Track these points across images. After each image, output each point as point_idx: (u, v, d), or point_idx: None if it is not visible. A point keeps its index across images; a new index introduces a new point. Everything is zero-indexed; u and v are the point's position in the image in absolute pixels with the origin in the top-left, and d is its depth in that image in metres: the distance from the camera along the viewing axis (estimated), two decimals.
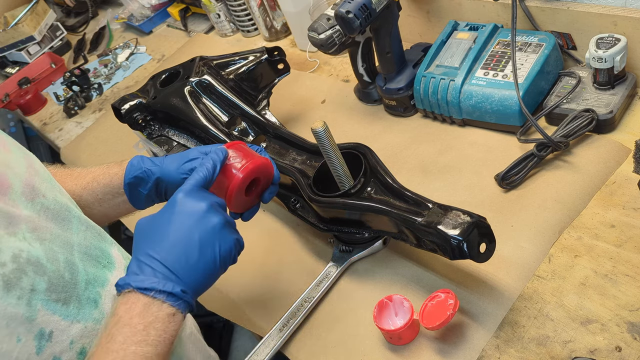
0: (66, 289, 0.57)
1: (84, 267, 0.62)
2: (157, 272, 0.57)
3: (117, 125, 1.04)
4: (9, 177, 0.58)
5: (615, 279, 0.72)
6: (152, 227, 0.60)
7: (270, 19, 1.44)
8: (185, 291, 0.57)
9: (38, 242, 0.57)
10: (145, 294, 0.55)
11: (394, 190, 0.79)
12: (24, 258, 0.54)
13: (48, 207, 0.61)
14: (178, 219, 0.60)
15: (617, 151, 0.85)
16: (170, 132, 1.04)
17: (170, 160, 0.74)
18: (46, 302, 0.55)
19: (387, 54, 1.03)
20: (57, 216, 0.62)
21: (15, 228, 0.55)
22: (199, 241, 0.59)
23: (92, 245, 0.65)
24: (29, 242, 0.55)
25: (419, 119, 1.07)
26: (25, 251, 0.54)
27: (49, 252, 0.57)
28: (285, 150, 0.96)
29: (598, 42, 0.86)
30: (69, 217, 0.63)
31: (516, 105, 0.91)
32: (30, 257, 0.54)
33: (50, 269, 0.56)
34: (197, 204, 0.61)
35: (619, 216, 0.78)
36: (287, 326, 0.82)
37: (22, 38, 1.81)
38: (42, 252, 0.56)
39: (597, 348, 0.67)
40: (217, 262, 0.61)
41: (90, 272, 0.62)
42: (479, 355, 0.71)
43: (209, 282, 0.61)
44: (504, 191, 0.88)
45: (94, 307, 0.61)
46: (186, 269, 0.58)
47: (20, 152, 0.63)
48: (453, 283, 0.80)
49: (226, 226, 0.62)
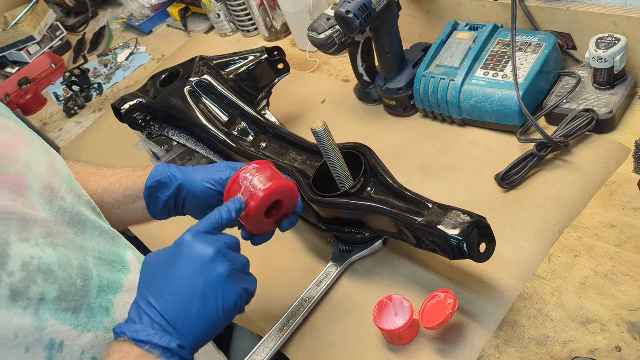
0: (77, 297, 0.56)
1: (98, 272, 0.60)
2: (155, 323, 0.54)
3: (117, 125, 1.04)
4: (28, 178, 0.56)
5: (615, 279, 0.72)
6: (157, 268, 0.58)
7: (270, 19, 1.44)
8: (182, 346, 0.54)
9: (51, 248, 0.55)
10: (140, 346, 0.52)
11: (394, 190, 0.79)
12: (35, 266, 0.52)
13: (65, 210, 0.60)
14: (183, 264, 0.57)
15: (617, 151, 0.85)
16: (170, 132, 1.04)
17: (196, 169, 0.73)
18: (55, 311, 0.53)
19: (387, 54, 1.03)
20: (73, 220, 0.60)
21: (28, 233, 0.54)
22: (202, 292, 0.56)
23: (107, 250, 0.64)
24: (41, 248, 0.54)
25: (419, 119, 1.07)
26: (36, 258, 0.53)
27: (62, 257, 0.56)
28: (285, 150, 0.96)
29: (598, 42, 0.86)
30: (84, 221, 0.62)
31: (516, 105, 0.91)
32: (42, 265, 0.53)
33: (61, 277, 0.55)
34: (204, 248, 0.57)
35: (619, 216, 0.78)
36: (287, 326, 0.82)
37: (22, 38, 1.81)
38: (55, 258, 0.55)
39: (597, 348, 0.67)
40: (220, 315, 0.57)
41: (104, 277, 0.61)
42: (479, 355, 0.71)
43: (211, 334, 0.57)
44: (504, 191, 0.88)
45: (106, 315, 0.59)
46: (186, 322, 0.55)
47: (44, 150, 0.62)
48: (453, 283, 0.80)
49: (233, 275, 0.58)
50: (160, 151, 1.10)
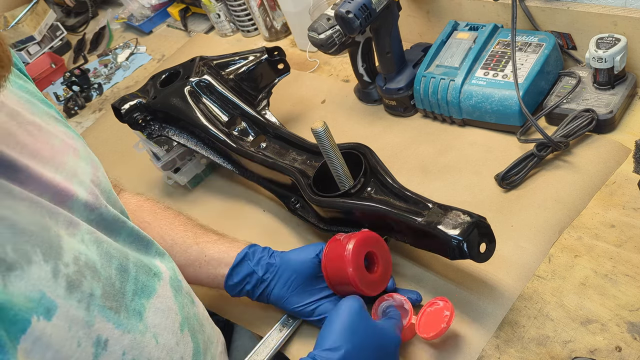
0: (116, 297, 0.57)
1: (137, 274, 0.61)
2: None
3: (117, 125, 1.04)
4: (74, 186, 0.57)
5: (615, 279, 0.72)
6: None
7: (270, 19, 1.44)
8: None
9: (95, 245, 0.56)
10: None
11: (394, 190, 0.79)
12: (83, 261, 0.53)
13: (105, 218, 0.60)
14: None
15: (617, 151, 0.85)
16: (171, 132, 1.04)
17: (292, 284, 0.78)
18: (102, 308, 0.54)
19: (387, 54, 1.03)
20: (110, 227, 0.61)
21: (75, 229, 0.54)
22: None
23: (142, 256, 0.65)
24: (86, 245, 0.55)
25: (419, 119, 1.07)
26: (83, 254, 0.54)
27: (103, 256, 0.57)
28: (285, 150, 0.96)
29: (598, 42, 0.86)
30: (119, 229, 0.63)
31: (516, 105, 0.91)
32: (88, 261, 0.54)
33: (103, 275, 0.55)
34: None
35: (619, 216, 0.78)
36: (287, 326, 0.82)
37: (22, 38, 1.81)
38: (97, 256, 0.56)
39: (597, 348, 0.67)
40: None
41: (141, 280, 0.61)
42: (479, 355, 0.71)
43: None
44: (504, 191, 0.88)
45: (139, 319, 0.59)
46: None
47: (88, 158, 0.62)
48: (453, 283, 0.80)
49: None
50: (160, 151, 1.10)
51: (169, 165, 1.11)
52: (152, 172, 1.22)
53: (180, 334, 0.64)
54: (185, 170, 1.13)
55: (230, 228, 1.04)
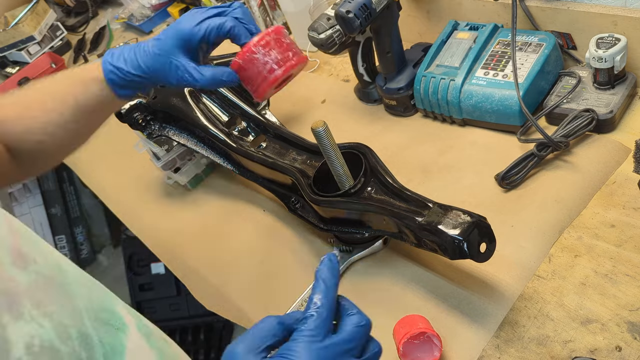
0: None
1: (99, 337, 0.52)
2: None
3: (117, 125, 1.04)
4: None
5: (615, 278, 0.72)
6: None
7: (270, 18, 1.44)
8: None
9: (47, 319, 0.47)
10: None
11: (394, 190, 0.79)
12: (37, 346, 0.44)
13: (43, 274, 0.50)
14: None
15: (617, 151, 0.85)
16: (171, 132, 1.04)
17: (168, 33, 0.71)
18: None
19: (387, 53, 1.03)
20: (54, 281, 0.51)
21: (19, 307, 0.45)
22: None
23: (100, 307, 0.55)
24: (37, 322, 0.46)
25: (419, 119, 1.07)
26: (36, 336, 0.45)
27: (59, 329, 0.48)
28: (286, 150, 0.96)
29: (598, 42, 0.86)
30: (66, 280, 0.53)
31: (516, 105, 0.91)
32: (43, 343, 0.45)
33: (65, 352, 0.47)
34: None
35: (619, 216, 0.78)
36: None
37: (22, 38, 1.81)
38: (53, 332, 0.47)
39: (597, 348, 0.67)
40: None
41: (106, 342, 0.53)
42: (479, 355, 0.71)
43: None
44: (504, 191, 0.88)
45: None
46: None
47: (1, 213, 0.51)
48: (453, 283, 0.80)
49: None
50: (160, 151, 1.10)
51: (169, 165, 1.11)
52: (152, 172, 1.22)
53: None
54: (185, 170, 1.13)
55: (230, 228, 1.04)
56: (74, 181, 2.27)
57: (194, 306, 1.94)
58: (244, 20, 0.70)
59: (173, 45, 0.69)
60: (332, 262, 0.53)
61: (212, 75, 0.71)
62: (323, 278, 0.51)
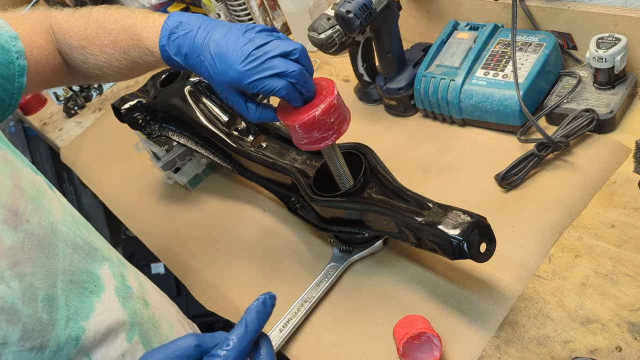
0: (43, 333, 0.51)
1: (67, 299, 0.55)
2: None
3: (117, 125, 1.04)
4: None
5: (615, 278, 0.72)
6: None
7: (270, 18, 1.44)
8: None
9: (17, 279, 0.50)
10: None
11: (394, 190, 0.79)
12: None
13: (33, 233, 0.53)
14: None
15: (617, 151, 0.85)
16: (170, 132, 1.03)
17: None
18: (18, 353, 0.48)
19: (387, 53, 1.03)
20: (42, 242, 0.54)
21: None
22: None
23: (79, 270, 0.58)
24: (6, 283, 0.49)
25: (419, 119, 1.07)
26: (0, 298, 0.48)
27: (27, 291, 0.50)
28: (286, 150, 0.96)
29: (598, 41, 0.86)
30: (54, 241, 0.56)
31: (516, 105, 0.91)
32: (5, 305, 0.48)
33: (25, 314, 0.50)
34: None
35: (620, 216, 0.78)
36: (287, 326, 0.82)
37: None
38: (20, 293, 0.50)
39: (597, 348, 0.67)
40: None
41: (73, 304, 0.55)
42: (479, 356, 0.71)
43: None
44: (504, 191, 0.88)
45: (74, 345, 0.54)
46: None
47: (7, 167, 0.54)
48: (453, 283, 0.80)
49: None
50: (160, 151, 1.10)
51: (169, 165, 1.11)
52: (152, 172, 1.22)
53: (128, 344, 0.60)
54: (185, 170, 1.13)
55: (230, 228, 1.04)
56: (74, 181, 2.27)
57: (194, 306, 1.94)
58: (299, 83, 0.67)
59: (225, 87, 0.69)
60: (265, 305, 0.49)
61: (258, 118, 0.72)
62: (247, 320, 0.48)
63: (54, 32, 0.78)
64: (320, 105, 0.68)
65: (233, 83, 0.67)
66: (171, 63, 0.71)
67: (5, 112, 0.72)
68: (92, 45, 0.76)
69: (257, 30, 0.67)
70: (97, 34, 0.75)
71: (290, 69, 0.65)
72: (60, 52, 0.79)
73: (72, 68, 0.81)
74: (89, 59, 0.77)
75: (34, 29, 0.76)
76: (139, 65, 0.75)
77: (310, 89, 0.69)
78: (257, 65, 0.65)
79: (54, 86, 0.88)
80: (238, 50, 0.65)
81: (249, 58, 0.65)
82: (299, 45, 0.67)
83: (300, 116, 0.69)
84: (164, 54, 0.70)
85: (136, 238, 1.15)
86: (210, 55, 0.67)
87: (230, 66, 0.66)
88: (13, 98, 0.71)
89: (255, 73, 0.65)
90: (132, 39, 0.73)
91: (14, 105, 0.72)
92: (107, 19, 0.75)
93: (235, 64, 0.65)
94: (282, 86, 0.66)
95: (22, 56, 0.71)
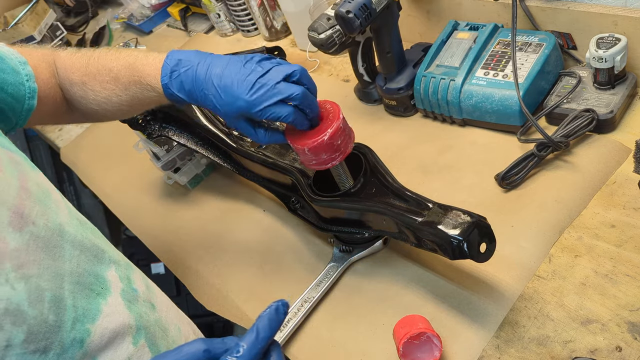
0: (48, 335, 0.50)
1: (74, 301, 0.55)
2: None
3: (117, 126, 1.04)
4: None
5: (615, 278, 0.72)
6: None
7: (270, 18, 1.44)
8: None
9: (23, 281, 0.49)
10: None
11: (394, 190, 0.79)
12: (2, 309, 0.47)
13: (38, 235, 0.53)
14: None
15: (617, 151, 0.85)
16: (170, 132, 1.03)
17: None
18: (21, 355, 0.48)
19: (387, 53, 1.03)
20: (48, 244, 0.54)
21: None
22: None
23: (86, 272, 0.58)
24: (11, 285, 0.48)
25: (419, 119, 1.07)
26: (4, 299, 0.47)
27: (33, 292, 0.50)
28: (286, 150, 0.96)
29: (598, 41, 0.86)
30: (60, 243, 0.55)
31: (516, 105, 0.91)
32: (10, 306, 0.47)
33: (31, 315, 0.49)
34: None
35: (620, 216, 0.78)
36: (287, 326, 0.82)
37: (22, 38, 1.81)
38: (25, 294, 0.49)
39: (597, 348, 0.67)
40: None
41: (80, 306, 0.55)
42: (479, 356, 0.71)
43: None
44: (504, 191, 0.88)
45: (79, 347, 0.53)
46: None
47: (15, 169, 0.54)
48: (453, 283, 0.80)
49: None
50: (160, 151, 1.10)
51: (169, 165, 1.11)
52: (152, 172, 1.22)
53: (134, 347, 0.60)
54: (185, 170, 1.13)
55: (230, 228, 1.04)
56: (73, 181, 2.27)
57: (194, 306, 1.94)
58: (303, 104, 0.69)
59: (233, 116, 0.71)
60: (278, 313, 0.49)
61: (268, 141, 0.75)
62: (258, 327, 0.48)
63: (56, 68, 0.80)
64: (328, 130, 0.71)
65: (241, 112, 0.69)
66: (174, 99, 0.73)
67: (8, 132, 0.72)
68: (93, 81, 0.77)
69: (257, 61, 0.69)
70: (98, 71, 0.77)
71: (294, 92, 0.68)
72: (61, 88, 0.81)
73: (71, 104, 0.82)
74: (88, 94, 0.78)
75: (40, 62, 0.78)
76: (139, 101, 0.77)
77: (314, 109, 0.72)
78: (264, 93, 0.67)
79: (52, 123, 0.88)
80: (243, 81, 0.68)
81: (255, 87, 0.68)
82: (299, 67, 0.69)
83: (309, 140, 0.72)
84: (167, 92, 0.72)
85: (136, 238, 1.15)
86: (215, 88, 0.69)
87: (238, 97, 0.68)
88: (20, 119, 0.72)
89: (263, 101, 0.68)
90: (134, 75, 0.74)
91: (20, 125, 0.73)
92: (109, 57, 0.77)
93: (242, 94, 0.68)
94: (288, 113, 0.68)
95: (32, 79, 0.73)
